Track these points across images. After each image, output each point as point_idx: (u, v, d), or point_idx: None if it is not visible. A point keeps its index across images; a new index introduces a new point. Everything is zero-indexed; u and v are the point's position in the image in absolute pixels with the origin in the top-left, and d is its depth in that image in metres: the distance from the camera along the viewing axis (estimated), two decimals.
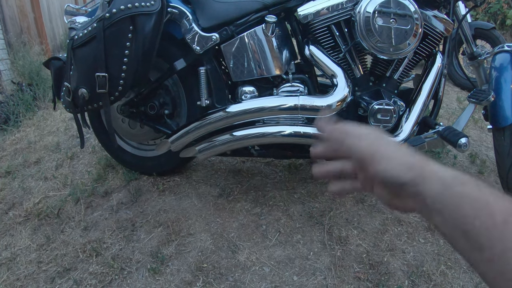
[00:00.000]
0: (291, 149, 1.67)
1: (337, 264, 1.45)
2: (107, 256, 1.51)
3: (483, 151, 2.33)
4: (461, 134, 1.44)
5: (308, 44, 1.53)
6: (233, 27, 1.53)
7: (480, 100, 1.60)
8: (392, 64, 1.55)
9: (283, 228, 1.63)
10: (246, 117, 1.53)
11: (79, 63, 1.49)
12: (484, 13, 5.31)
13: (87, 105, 1.52)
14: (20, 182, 2.09)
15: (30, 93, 3.34)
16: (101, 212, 1.78)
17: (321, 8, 1.48)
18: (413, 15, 1.40)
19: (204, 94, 1.59)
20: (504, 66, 1.68)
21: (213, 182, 1.97)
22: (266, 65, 1.54)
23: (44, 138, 2.65)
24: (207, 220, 1.69)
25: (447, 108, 2.98)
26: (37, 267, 1.48)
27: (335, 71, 1.49)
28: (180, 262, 1.48)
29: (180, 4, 1.56)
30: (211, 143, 1.61)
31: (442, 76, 1.59)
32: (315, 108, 1.47)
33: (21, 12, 4.30)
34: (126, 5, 1.39)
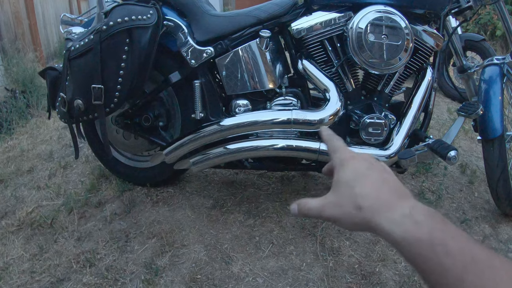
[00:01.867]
0: (284, 161, 1.69)
1: (329, 275, 1.47)
2: (100, 267, 1.51)
3: (473, 162, 2.36)
4: (450, 147, 1.47)
5: (301, 58, 1.56)
6: (228, 41, 1.56)
7: (469, 114, 1.63)
8: (383, 79, 1.58)
9: (276, 239, 1.64)
10: (240, 130, 1.55)
11: (75, 74, 1.50)
12: (474, 24, 5.40)
13: (82, 116, 1.53)
14: (13, 190, 2.08)
15: (23, 101, 3.33)
16: (95, 223, 1.78)
17: (314, 23, 1.51)
18: (404, 30, 1.43)
19: (199, 107, 1.61)
20: (493, 79, 1.71)
21: (207, 193, 1.98)
22: (259, 79, 1.56)
23: (37, 146, 2.65)
24: (200, 231, 1.70)
25: (437, 119, 3.03)
26: (30, 277, 1.48)
27: (328, 86, 1.52)
28: (174, 273, 1.48)
29: (176, 18, 1.58)
30: (205, 155, 1.63)
31: (432, 90, 1.62)
32: (308, 122, 1.49)
33: (16, 18, 4.30)
34: (123, 18, 1.41)
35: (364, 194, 0.40)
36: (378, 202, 0.39)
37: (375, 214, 0.39)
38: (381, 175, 0.43)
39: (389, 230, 0.37)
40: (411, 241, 0.35)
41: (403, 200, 0.39)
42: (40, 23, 4.97)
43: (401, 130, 1.55)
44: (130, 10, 1.44)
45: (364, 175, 0.42)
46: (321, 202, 0.43)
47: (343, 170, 0.44)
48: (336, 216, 0.42)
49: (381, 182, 0.41)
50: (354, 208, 0.40)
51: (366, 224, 0.39)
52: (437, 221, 0.36)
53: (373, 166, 0.44)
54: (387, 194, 0.40)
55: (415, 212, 0.37)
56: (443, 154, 1.45)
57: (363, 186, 0.41)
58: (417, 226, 0.36)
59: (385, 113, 1.57)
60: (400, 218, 0.37)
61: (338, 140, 0.50)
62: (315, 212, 0.44)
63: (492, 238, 1.70)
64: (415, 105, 1.57)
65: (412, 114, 1.56)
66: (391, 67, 1.47)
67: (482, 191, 2.05)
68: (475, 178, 2.15)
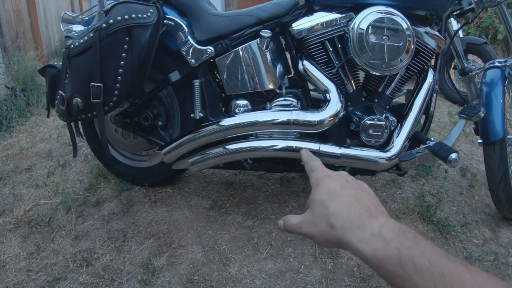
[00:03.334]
0: (283, 163, 1.68)
1: (328, 278, 1.46)
2: (97, 267, 1.50)
3: (474, 165, 2.35)
4: (451, 149, 1.46)
5: (302, 59, 1.55)
6: (228, 41, 1.55)
7: (470, 116, 1.62)
8: (384, 80, 1.57)
9: (275, 241, 1.63)
10: (239, 130, 1.54)
11: (74, 72, 1.49)
12: (476, 28, 5.40)
13: (81, 115, 1.52)
14: (11, 188, 2.08)
15: (23, 99, 3.34)
16: (92, 222, 1.77)
17: (315, 24, 1.50)
18: (406, 32, 1.41)
19: (198, 106, 1.60)
20: (494, 82, 1.70)
21: (205, 194, 1.97)
22: (260, 79, 1.55)
23: (36, 144, 2.64)
24: (198, 232, 1.69)
25: (438, 122, 3.02)
26: (27, 275, 1.47)
27: (328, 86, 1.51)
28: (171, 274, 1.47)
29: (176, 17, 1.57)
30: (204, 155, 1.62)
31: (433, 92, 1.61)
32: (308, 123, 1.48)
33: (18, 16, 4.30)
34: (123, 16, 1.40)
35: (336, 213, 0.42)
36: (349, 220, 0.41)
37: (346, 233, 0.40)
38: (354, 193, 0.44)
39: (359, 248, 0.39)
40: (381, 258, 0.37)
41: (373, 218, 0.41)
42: (41, 21, 4.98)
43: (401, 132, 1.53)
44: (130, 8, 1.44)
45: (337, 194, 0.44)
46: (300, 219, 0.46)
47: (318, 189, 0.46)
48: (312, 233, 0.44)
49: (353, 201, 0.43)
50: (327, 227, 0.42)
51: (338, 242, 0.41)
52: (407, 237, 0.37)
53: (348, 184, 0.45)
54: (358, 212, 0.41)
55: (385, 230, 0.39)
56: (444, 157, 1.44)
57: (335, 205, 0.43)
58: (386, 244, 0.37)
59: (386, 115, 1.56)
60: (369, 237, 0.39)
61: (316, 160, 0.52)
62: (295, 228, 0.46)
63: (492, 242, 1.69)
64: (416, 107, 1.56)
65: (413, 116, 1.55)
66: (392, 69, 1.46)
67: (482, 194, 2.04)
68: (475, 181, 2.14)
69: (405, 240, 0.37)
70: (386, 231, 0.38)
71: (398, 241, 0.37)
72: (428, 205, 1.85)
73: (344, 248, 0.41)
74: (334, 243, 0.42)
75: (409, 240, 0.37)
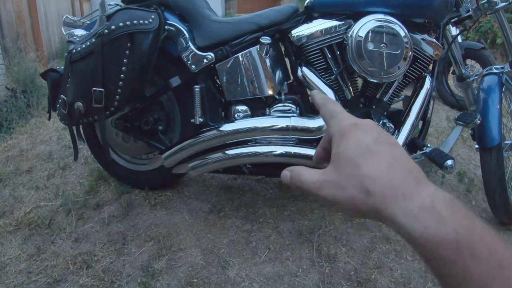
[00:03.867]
0: (282, 167, 1.69)
1: (325, 281, 1.47)
2: (97, 269, 1.51)
3: (471, 170, 2.37)
4: (447, 156, 1.48)
5: (301, 66, 1.57)
6: (228, 47, 1.57)
7: (466, 123, 1.64)
8: (382, 87, 1.59)
9: (273, 245, 1.65)
10: (239, 136, 1.56)
11: (76, 77, 1.51)
12: (475, 32, 5.42)
13: (83, 119, 1.54)
14: (11, 190, 2.09)
15: (24, 100, 3.35)
16: (92, 225, 1.78)
17: (314, 31, 1.52)
18: (403, 39, 1.43)
19: (198, 112, 1.62)
20: (491, 88, 1.71)
21: (205, 198, 1.98)
22: (259, 85, 1.57)
23: (37, 146, 2.66)
24: (197, 235, 1.71)
25: (436, 127, 3.04)
26: (27, 277, 1.48)
27: (327, 93, 1.52)
28: (171, 277, 1.49)
29: (177, 22, 1.59)
30: (203, 160, 1.64)
31: (430, 98, 1.63)
32: (306, 130, 1.50)
33: (19, 17, 4.32)
34: (125, 23, 1.42)
35: (374, 175, 0.32)
36: (392, 187, 0.32)
37: (388, 203, 0.31)
38: (391, 150, 0.34)
39: (405, 224, 0.30)
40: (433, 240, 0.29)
41: (422, 186, 0.32)
42: (42, 22, 4.99)
43: (399, 138, 1.55)
44: (132, 14, 1.46)
45: (371, 150, 0.34)
46: (318, 177, 0.35)
47: (344, 141, 0.35)
48: (337, 198, 0.34)
49: (393, 161, 0.33)
50: (360, 192, 0.32)
51: (375, 213, 0.32)
52: (463, 216, 0.30)
53: (382, 139, 0.35)
54: (402, 177, 0.32)
55: (438, 203, 0.30)
56: (440, 163, 1.46)
57: (371, 165, 0.33)
58: (441, 222, 0.30)
59: (383, 121, 1.58)
60: (419, 210, 0.30)
61: (335, 104, 0.41)
62: (310, 187, 0.35)
63: None
64: (414, 113, 1.58)
65: (410, 123, 1.57)
66: (390, 76, 1.48)
67: (479, 199, 2.05)
68: (472, 186, 2.15)
69: (462, 218, 0.30)
70: (439, 204, 0.30)
71: (455, 220, 0.29)
72: None
73: (380, 220, 0.32)
74: (367, 213, 0.33)
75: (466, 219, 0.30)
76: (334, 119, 0.38)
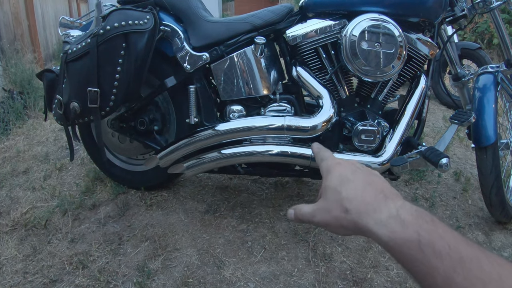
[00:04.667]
0: (277, 167, 1.70)
1: (321, 281, 1.47)
2: (93, 269, 1.51)
3: (468, 169, 2.37)
4: (442, 154, 1.48)
5: (296, 65, 1.57)
6: (223, 47, 1.57)
7: (461, 121, 1.64)
8: (377, 86, 1.59)
9: (269, 244, 1.65)
10: (234, 135, 1.56)
11: (72, 77, 1.51)
12: (471, 33, 5.44)
13: (78, 119, 1.54)
14: (8, 191, 2.09)
15: (20, 101, 3.34)
16: (89, 225, 1.78)
17: (309, 31, 1.52)
18: (398, 38, 1.43)
19: (193, 112, 1.62)
20: (487, 87, 1.71)
21: (200, 198, 1.99)
22: (254, 85, 1.57)
23: (33, 147, 2.66)
24: (193, 235, 1.71)
25: (433, 127, 3.04)
26: (23, 277, 1.48)
27: (321, 93, 1.53)
28: (166, 276, 1.49)
29: (173, 23, 1.59)
30: (199, 160, 1.64)
31: (426, 97, 1.63)
32: (301, 129, 1.51)
33: (16, 19, 4.31)
34: (120, 23, 1.43)
35: (350, 197, 0.41)
36: (364, 203, 0.40)
37: (362, 216, 0.39)
38: (366, 177, 0.43)
39: (376, 231, 0.38)
40: (399, 242, 0.36)
41: (389, 201, 0.39)
42: (39, 24, 4.99)
43: (394, 138, 1.55)
44: (127, 14, 1.46)
45: (349, 179, 0.43)
46: (312, 208, 0.45)
47: (329, 176, 0.45)
48: (326, 220, 0.43)
49: (367, 184, 0.42)
50: (341, 212, 0.41)
51: (354, 226, 0.40)
52: (425, 220, 0.36)
53: (359, 170, 0.45)
54: (373, 195, 0.40)
55: (402, 212, 0.37)
56: (434, 162, 1.46)
57: (348, 190, 0.42)
58: (404, 226, 0.36)
59: (378, 121, 1.58)
60: (386, 219, 0.37)
61: (326, 151, 0.51)
62: (307, 217, 0.45)
63: (486, 245, 1.71)
64: (408, 112, 1.58)
65: (405, 122, 1.57)
66: (384, 75, 1.48)
67: (476, 198, 2.06)
68: (469, 185, 2.16)
69: (424, 223, 0.36)
70: (404, 213, 0.37)
71: (417, 224, 0.36)
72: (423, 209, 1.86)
73: (359, 233, 0.40)
74: (349, 228, 0.41)
75: (428, 223, 0.36)
76: (323, 162, 0.49)
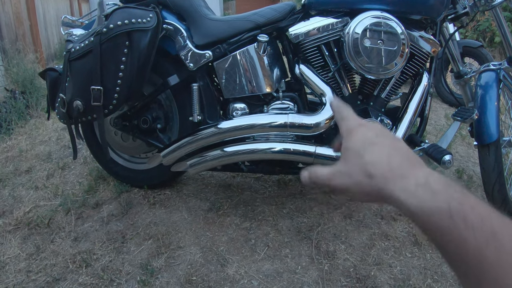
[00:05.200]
0: (280, 165, 1.71)
1: (324, 278, 1.48)
2: (97, 267, 1.52)
3: (470, 167, 2.37)
4: (445, 151, 1.48)
5: (299, 63, 1.58)
6: (226, 45, 1.57)
7: (464, 119, 1.65)
8: (379, 84, 1.60)
9: (272, 242, 1.65)
10: (237, 133, 1.56)
11: (75, 76, 1.52)
12: (473, 31, 5.43)
13: (81, 117, 1.54)
14: (11, 190, 2.09)
15: (23, 101, 3.35)
16: (92, 224, 1.79)
17: (311, 29, 1.52)
18: (400, 36, 1.44)
19: (196, 110, 1.62)
20: (489, 84, 1.71)
21: (203, 196, 1.99)
22: (257, 83, 1.58)
23: (36, 147, 2.66)
24: (196, 233, 1.71)
25: (435, 125, 3.04)
26: (26, 276, 1.49)
27: (324, 90, 1.53)
28: (170, 274, 1.49)
29: (175, 21, 1.60)
30: (202, 158, 1.64)
31: (428, 95, 1.63)
32: (304, 126, 1.51)
33: (17, 19, 4.32)
34: (123, 21, 1.43)
35: (375, 161, 0.38)
36: (390, 169, 0.37)
37: (388, 183, 0.36)
38: (392, 142, 0.40)
39: (404, 200, 0.35)
40: (428, 212, 0.33)
41: (417, 168, 0.37)
42: (41, 24, 5.00)
43: (396, 135, 1.56)
44: (130, 13, 1.46)
45: (373, 142, 0.40)
46: (330, 171, 0.42)
47: (351, 138, 0.42)
48: (346, 185, 0.40)
49: (392, 149, 0.39)
50: (364, 176, 0.38)
51: (378, 193, 0.37)
52: (456, 190, 0.34)
53: (383, 134, 0.42)
54: (400, 161, 0.38)
55: (431, 181, 0.35)
56: (437, 159, 1.47)
57: (373, 153, 0.39)
58: (434, 196, 0.33)
59: (381, 118, 1.58)
60: (415, 187, 0.35)
61: (346, 109, 0.48)
62: (324, 180, 0.42)
63: None
64: (411, 110, 1.58)
65: (408, 119, 1.57)
66: (387, 72, 1.49)
67: (478, 196, 2.04)
68: (471, 183, 2.16)
69: (454, 192, 0.33)
70: (433, 181, 0.34)
71: (447, 194, 0.33)
72: None
73: (383, 200, 0.37)
74: (372, 195, 0.38)
75: (458, 193, 0.33)
76: (344, 121, 0.45)
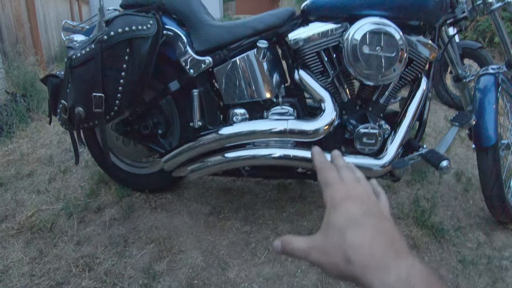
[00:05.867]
0: (280, 169, 1.72)
1: (324, 281, 1.49)
2: (99, 271, 1.53)
3: (469, 169, 2.39)
4: (442, 157, 1.49)
5: (298, 69, 1.59)
6: (226, 51, 1.58)
7: (462, 124, 1.66)
8: (378, 89, 1.60)
9: (272, 246, 1.66)
10: (238, 139, 1.57)
11: (76, 83, 1.53)
12: (473, 31, 5.44)
13: (83, 123, 1.56)
14: (13, 194, 2.10)
15: (24, 104, 3.34)
16: (94, 228, 1.80)
17: (311, 34, 1.53)
18: (399, 42, 1.45)
19: (197, 115, 1.64)
20: (488, 88, 1.72)
21: (204, 200, 2.00)
22: (257, 88, 1.59)
23: (37, 150, 2.67)
24: (198, 237, 1.73)
25: (434, 127, 3.05)
26: (30, 280, 1.50)
27: (323, 96, 1.54)
28: (172, 278, 1.51)
29: (175, 27, 1.61)
30: (203, 163, 1.65)
31: (427, 99, 1.64)
32: (303, 132, 1.52)
33: (18, 21, 4.33)
34: (124, 29, 1.44)
35: (356, 245, 0.35)
36: (371, 258, 0.34)
37: (367, 273, 0.34)
38: (378, 223, 0.37)
39: None
40: None
41: (400, 258, 0.34)
42: (41, 26, 5.01)
43: (395, 140, 1.57)
44: (130, 20, 1.47)
45: (358, 223, 0.37)
46: (307, 244, 0.39)
47: (335, 212, 0.39)
48: (322, 263, 0.38)
49: (377, 232, 0.36)
50: (343, 260, 0.36)
51: (353, 279, 0.35)
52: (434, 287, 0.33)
53: (370, 212, 0.38)
54: (383, 248, 0.35)
55: (413, 276, 0.33)
56: (435, 164, 1.48)
57: (355, 236, 0.36)
58: None
59: (380, 123, 1.59)
60: (394, 282, 0.33)
61: (331, 170, 0.43)
62: (300, 253, 0.39)
63: (486, 245, 1.73)
64: (410, 114, 1.59)
65: (407, 124, 1.58)
66: (385, 78, 1.49)
67: (477, 198, 2.07)
68: (470, 186, 2.17)
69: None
70: (414, 278, 0.33)
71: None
72: (423, 209, 1.88)
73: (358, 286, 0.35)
74: (348, 279, 0.36)
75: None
76: (328, 189, 0.41)
